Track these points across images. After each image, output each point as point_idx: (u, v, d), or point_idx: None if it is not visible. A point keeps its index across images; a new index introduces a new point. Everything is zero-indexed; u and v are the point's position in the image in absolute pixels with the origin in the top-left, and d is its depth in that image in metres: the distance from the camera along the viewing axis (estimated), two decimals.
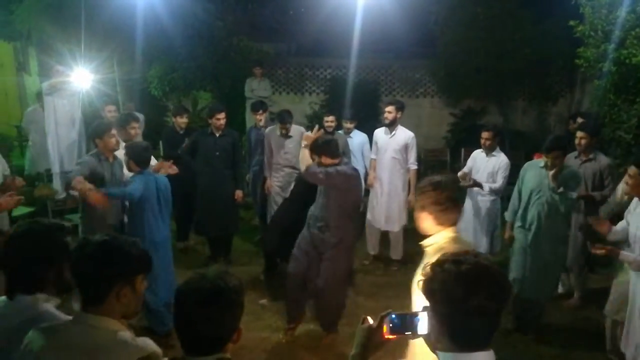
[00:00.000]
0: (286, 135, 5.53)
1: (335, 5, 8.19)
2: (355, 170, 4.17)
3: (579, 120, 6.49)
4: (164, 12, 7.64)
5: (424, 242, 2.38)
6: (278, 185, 5.61)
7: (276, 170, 5.62)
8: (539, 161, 4.28)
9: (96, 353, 1.62)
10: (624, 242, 3.55)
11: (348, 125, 5.90)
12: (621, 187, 4.02)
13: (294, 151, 5.51)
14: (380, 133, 5.60)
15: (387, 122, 5.45)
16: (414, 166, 5.51)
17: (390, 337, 1.53)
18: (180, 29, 8.09)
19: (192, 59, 8.50)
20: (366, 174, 5.75)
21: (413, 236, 6.01)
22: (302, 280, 4.12)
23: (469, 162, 5.18)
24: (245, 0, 9.73)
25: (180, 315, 1.52)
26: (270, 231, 5.06)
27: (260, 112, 5.93)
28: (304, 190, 4.40)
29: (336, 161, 3.95)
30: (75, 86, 6.47)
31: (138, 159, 4.03)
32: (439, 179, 2.39)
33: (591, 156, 4.58)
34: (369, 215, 5.70)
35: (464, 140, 8.81)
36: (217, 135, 5.43)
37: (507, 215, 4.49)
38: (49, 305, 1.82)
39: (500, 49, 8.43)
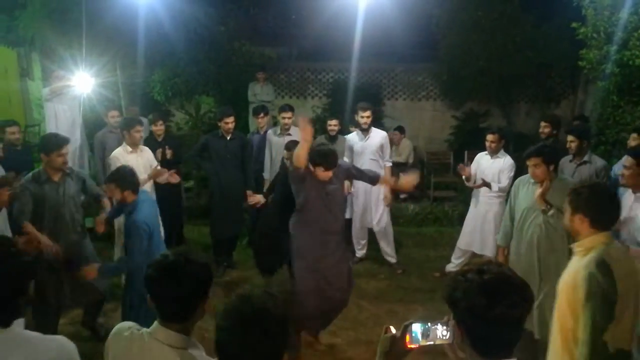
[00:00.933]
0: (284, 133, 5.64)
1: (337, 9, 8.20)
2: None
3: (575, 123, 6.51)
4: (166, 17, 7.67)
5: (575, 245, 2.40)
6: None
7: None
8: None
9: None
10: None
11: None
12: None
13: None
14: (354, 138, 5.63)
15: (365, 127, 5.49)
16: (389, 163, 5.60)
17: (413, 346, 1.54)
18: (182, 34, 8.12)
19: (195, 63, 8.52)
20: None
21: (422, 242, 6.05)
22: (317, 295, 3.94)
23: (473, 165, 5.16)
24: (247, 5, 9.75)
25: (225, 337, 1.45)
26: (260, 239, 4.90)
27: (262, 115, 5.96)
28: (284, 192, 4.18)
29: (330, 174, 3.74)
30: (76, 91, 6.48)
31: (131, 186, 3.48)
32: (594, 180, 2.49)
33: (585, 159, 4.52)
34: (355, 218, 5.71)
35: (466, 143, 8.79)
36: (228, 138, 5.48)
37: (499, 238, 4.02)
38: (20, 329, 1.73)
39: (502, 52, 8.43)
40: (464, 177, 5.11)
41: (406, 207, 7.20)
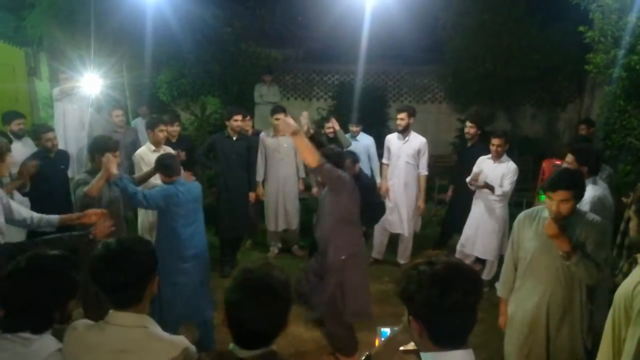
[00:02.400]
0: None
1: (344, 12, 8.21)
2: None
3: (582, 127, 6.48)
4: (172, 18, 7.72)
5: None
6: (274, 189, 5.73)
7: (271, 174, 5.74)
8: (540, 209, 2.94)
9: (133, 350, 1.69)
10: None
11: (354, 128, 5.95)
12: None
13: (288, 154, 5.68)
14: (393, 139, 5.63)
15: (400, 128, 5.48)
16: (424, 172, 5.55)
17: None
18: (188, 35, 8.16)
19: (201, 64, 8.56)
20: (372, 176, 5.77)
21: (422, 242, 6.04)
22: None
23: (475, 169, 5.12)
24: (253, 6, 9.79)
25: (231, 310, 1.56)
26: None
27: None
28: None
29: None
30: (84, 91, 6.52)
31: (165, 168, 3.85)
32: None
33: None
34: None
35: None
36: (234, 138, 5.49)
37: (500, 289, 3.22)
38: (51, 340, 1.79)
39: (508, 55, 8.41)
40: (468, 179, 5.09)
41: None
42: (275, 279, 1.56)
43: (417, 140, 5.51)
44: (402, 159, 5.48)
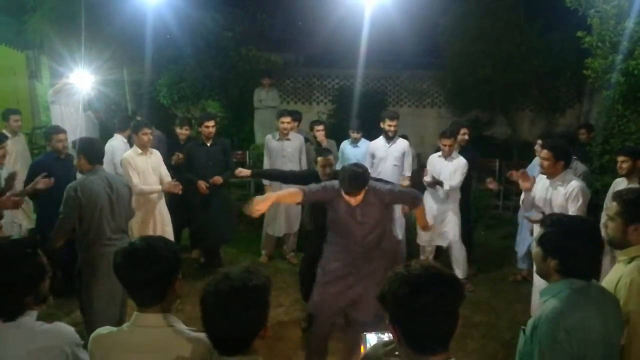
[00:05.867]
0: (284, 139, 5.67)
1: (344, 16, 8.25)
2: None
3: (582, 131, 6.49)
4: (173, 22, 7.75)
5: (620, 254, 2.31)
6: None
7: None
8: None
9: (160, 350, 1.71)
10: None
11: (355, 135, 5.96)
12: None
13: (292, 157, 5.66)
14: (378, 144, 5.70)
15: (391, 135, 5.60)
16: (408, 173, 5.66)
17: None
18: (189, 39, 8.20)
19: (201, 68, 8.59)
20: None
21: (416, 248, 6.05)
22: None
23: (428, 166, 5.33)
24: (254, 11, 9.84)
25: (206, 314, 1.56)
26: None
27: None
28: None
29: (357, 198, 3.33)
30: (81, 93, 6.52)
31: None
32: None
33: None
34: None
35: None
36: (209, 144, 5.42)
37: None
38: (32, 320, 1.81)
39: (507, 60, 8.43)
40: (425, 177, 5.25)
41: (411, 214, 7.16)
42: (251, 284, 1.54)
43: (402, 143, 5.69)
44: (389, 162, 5.58)
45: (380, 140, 5.72)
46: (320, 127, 6.09)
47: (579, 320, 1.91)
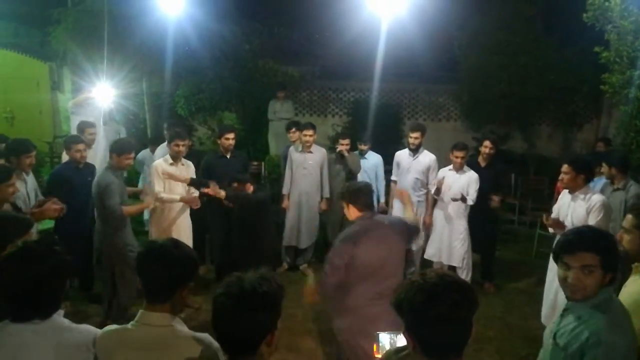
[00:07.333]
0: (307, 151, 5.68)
1: (360, 30, 8.32)
2: None
3: (599, 144, 6.44)
4: (192, 34, 7.90)
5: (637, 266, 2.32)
6: (295, 203, 5.72)
7: (294, 188, 5.72)
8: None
9: (159, 348, 1.76)
10: None
11: (363, 147, 5.99)
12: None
13: (313, 169, 5.67)
14: (403, 155, 5.68)
15: (413, 147, 5.55)
16: (432, 188, 5.53)
17: (380, 355, 1.60)
18: (207, 51, 8.33)
19: (219, 80, 8.72)
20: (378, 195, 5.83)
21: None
22: None
23: (440, 178, 5.27)
24: (272, 24, 9.97)
25: (215, 313, 1.58)
26: None
27: (293, 130, 6.00)
28: None
29: (362, 214, 3.16)
30: (101, 104, 6.61)
31: None
32: None
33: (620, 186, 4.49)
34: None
35: None
36: (228, 157, 5.38)
37: None
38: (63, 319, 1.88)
39: (524, 75, 8.42)
40: (434, 190, 5.25)
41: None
42: (261, 290, 1.55)
43: (427, 157, 5.57)
44: (411, 175, 5.53)
45: (405, 151, 5.70)
46: (346, 142, 5.79)
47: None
